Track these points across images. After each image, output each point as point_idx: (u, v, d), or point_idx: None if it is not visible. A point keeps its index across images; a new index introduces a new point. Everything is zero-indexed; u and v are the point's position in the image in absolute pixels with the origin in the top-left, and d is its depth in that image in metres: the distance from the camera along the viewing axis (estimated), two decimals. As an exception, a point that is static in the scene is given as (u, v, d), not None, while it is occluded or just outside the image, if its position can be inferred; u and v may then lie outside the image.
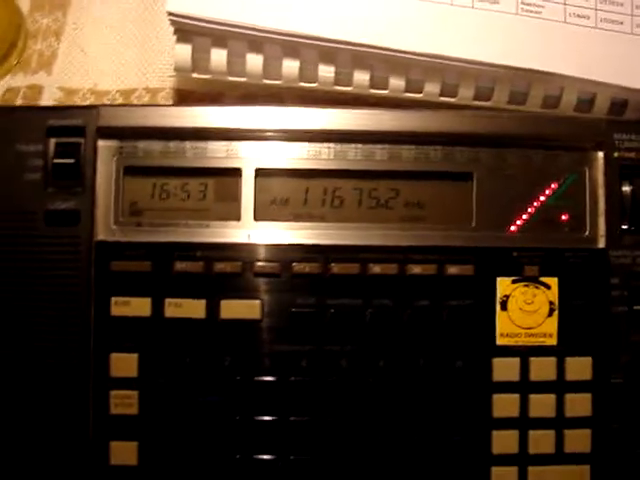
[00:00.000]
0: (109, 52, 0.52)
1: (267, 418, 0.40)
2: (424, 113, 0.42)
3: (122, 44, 0.52)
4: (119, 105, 0.43)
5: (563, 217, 0.41)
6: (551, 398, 0.40)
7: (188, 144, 0.41)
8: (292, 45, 0.47)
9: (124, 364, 0.40)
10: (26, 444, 0.40)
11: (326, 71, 0.48)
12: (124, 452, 0.40)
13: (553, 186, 0.41)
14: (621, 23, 0.47)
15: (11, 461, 0.40)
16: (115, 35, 0.53)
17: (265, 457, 0.40)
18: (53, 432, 0.40)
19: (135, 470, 0.40)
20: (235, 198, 0.41)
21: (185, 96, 0.51)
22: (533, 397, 0.40)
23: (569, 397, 0.41)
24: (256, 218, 0.41)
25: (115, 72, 0.52)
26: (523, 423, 0.40)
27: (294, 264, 0.40)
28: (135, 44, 0.52)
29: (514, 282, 0.41)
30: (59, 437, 0.40)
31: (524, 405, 0.40)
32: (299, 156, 0.41)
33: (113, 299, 0.40)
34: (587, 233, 0.41)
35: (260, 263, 0.40)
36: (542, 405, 0.40)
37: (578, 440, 0.41)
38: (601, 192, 0.41)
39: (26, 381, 0.40)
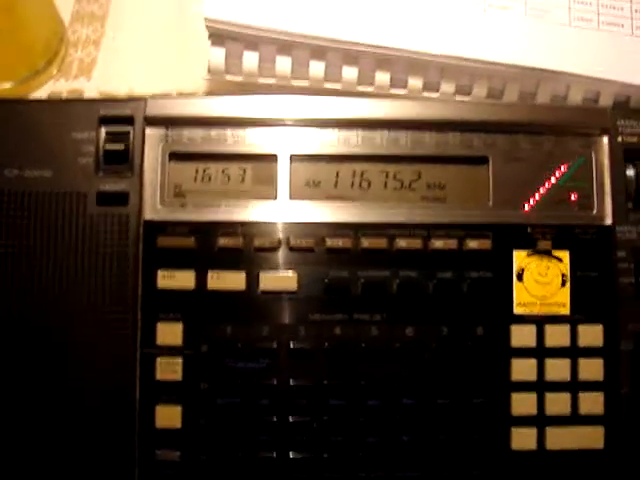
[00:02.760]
0: (144, 59, 0.56)
1: (303, 383, 0.43)
2: (444, 103, 0.46)
3: (157, 51, 0.56)
4: (165, 97, 0.46)
5: (572, 197, 0.45)
6: (565, 363, 0.43)
7: (228, 131, 0.44)
8: (319, 48, 0.51)
9: (170, 333, 0.43)
10: (75, 406, 0.42)
11: (350, 72, 0.51)
12: (169, 416, 0.42)
13: (563, 169, 0.45)
14: (622, 26, 0.51)
15: (60, 422, 0.42)
16: (150, 43, 0.56)
17: (300, 419, 0.43)
18: (101, 397, 0.42)
19: (179, 432, 0.42)
20: (272, 181, 0.44)
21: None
22: (549, 361, 0.43)
23: (582, 362, 0.44)
24: (291, 198, 0.44)
25: (150, 77, 0.56)
26: (540, 386, 0.43)
27: (327, 239, 0.43)
28: (169, 51, 0.56)
29: (529, 255, 0.44)
30: (107, 402, 0.42)
31: (541, 369, 0.43)
32: (330, 142, 0.45)
33: (160, 272, 0.43)
34: (595, 211, 0.45)
35: (296, 239, 0.43)
36: (557, 369, 0.43)
37: (592, 402, 0.44)
38: (607, 174, 0.45)
39: (76, 348, 0.43)
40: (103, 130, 0.44)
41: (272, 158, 0.44)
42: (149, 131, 0.44)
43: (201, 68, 0.55)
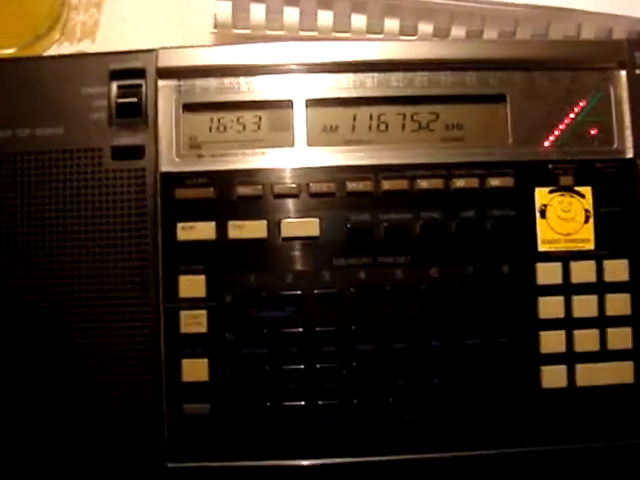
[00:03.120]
0: (148, 18, 0.55)
1: (329, 329, 0.42)
2: (459, 43, 0.46)
3: (160, 9, 0.55)
4: (176, 47, 0.46)
5: (592, 132, 0.44)
6: (592, 299, 0.43)
7: (242, 79, 0.44)
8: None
9: (192, 285, 0.42)
10: (100, 364, 0.42)
11: (358, 20, 0.51)
12: (195, 369, 0.42)
13: (581, 104, 0.44)
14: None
15: (86, 382, 0.42)
16: (152, 2, 0.56)
17: (328, 366, 0.42)
18: (126, 354, 0.42)
19: (206, 385, 0.42)
20: (288, 127, 0.44)
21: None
22: (576, 298, 0.43)
23: (609, 297, 0.43)
24: (309, 144, 0.43)
25: (154, 36, 0.55)
26: (568, 323, 0.43)
27: (347, 183, 0.43)
28: (173, 8, 0.55)
29: (551, 192, 0.44)
30: (132, 358, 0.42)
31: (568, 306, 0.43)
32: (345, 86, 0.44)
33: (179, 225, 0.42)
34: (616, 145, 0.44)
35: (316, 184, 0.43)
36: (585, 305, 0.43)
37: (620, 338, 0.43)
38: (626, 107, 0.45)
39: (97, 307, 0.42)
40: (114, 84, 0.43)
41: (287, 104, 0.44)
42: (161, 83, 0.44)
43: (206, 26, 0.54)
